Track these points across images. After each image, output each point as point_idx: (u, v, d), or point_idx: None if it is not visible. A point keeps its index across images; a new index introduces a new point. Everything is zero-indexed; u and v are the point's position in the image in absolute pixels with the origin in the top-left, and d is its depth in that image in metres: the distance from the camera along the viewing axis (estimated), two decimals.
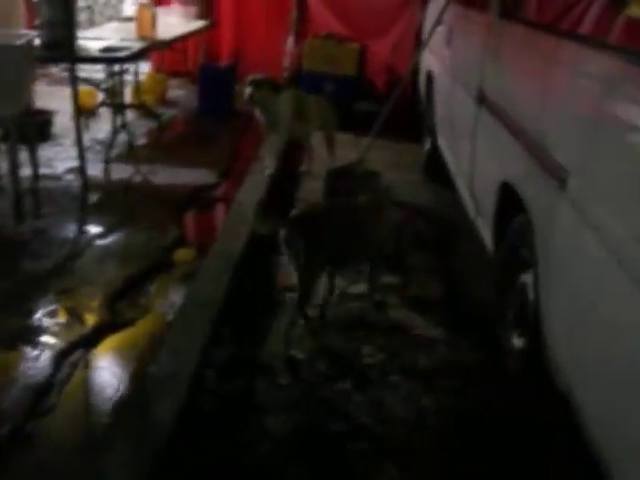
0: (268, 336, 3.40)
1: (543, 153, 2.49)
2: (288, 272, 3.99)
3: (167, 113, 7.41)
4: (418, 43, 6.05)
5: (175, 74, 8.49)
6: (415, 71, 6.55)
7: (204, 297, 3.45)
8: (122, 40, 5.77)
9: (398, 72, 6.81)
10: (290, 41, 8.06)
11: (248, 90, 5.13)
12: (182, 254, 4.31)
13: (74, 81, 5.04)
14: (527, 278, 2.79)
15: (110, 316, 3.50)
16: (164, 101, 7.86)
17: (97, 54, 5.29)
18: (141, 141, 6.44)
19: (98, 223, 4.61)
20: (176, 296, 3.74)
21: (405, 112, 6.98)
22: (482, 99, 3.53)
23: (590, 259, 2.05)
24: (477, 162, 3.68)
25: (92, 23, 10.44)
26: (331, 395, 3.02)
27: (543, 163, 2.47)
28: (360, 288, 3.92)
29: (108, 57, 5.27)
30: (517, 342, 2.94)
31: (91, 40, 5.68)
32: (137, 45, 5.62)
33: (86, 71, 6.12)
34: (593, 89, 2.19)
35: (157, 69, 8.56)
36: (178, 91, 8.31)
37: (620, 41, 2.31)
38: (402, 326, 3.59)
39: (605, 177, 2.01)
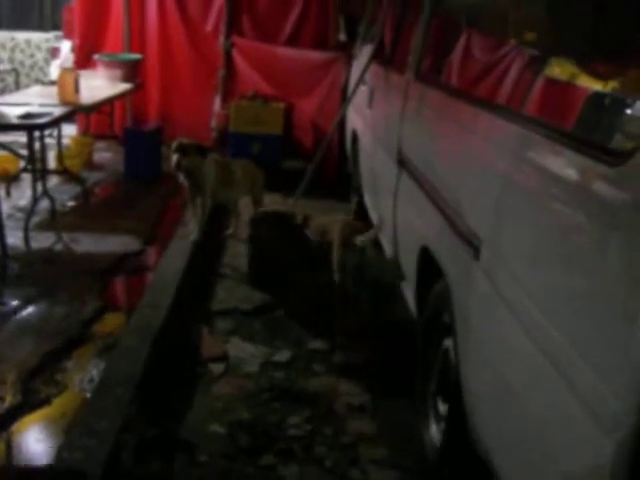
0: (188, 411, 3.29)
1: (458, 220, 2.47)
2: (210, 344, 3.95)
3: (92, 177, 7.28)
4: (343, 102, 6.07)
5: (102, 137, 8.36)
6: (342, 129, 6.59)
7: (121, 374, 3.31)
8: (43, 105, 5.66)
9: (324, 130, 6.81)
10: (217, 101, 8.05)
11: (175, 157, 5.01)
12: (102, 326, 4.17)
13: None
14: (449, 343, 2.75)
15: (24, 395, 3.34)
16: (90, 164, 7.72)
17: (15, 121, 5.16)
18: (64, 207, 6.28)
19: (15, 296, 4.42)
20: (94, 371, 3.60)
21: (333, 170, 7.02)
22: (401, 162, 3.52)
23: (501, 328, 2.02)
24: (398, 225, 3.66)
25: (18, 86, 10.31)
26: (253, 471, 2.92)
27: (458, 230, 2.44)
28: (284, 356, 3.85)
29: (26, 124, 5.14)
30: (442, 408, 2.89)
31: (11, 106, 5.56)
32: (58, 110, 5.51)
33: (11, 135, 6.00)
34: (500, 157, 2.19)
35: (83, 132, 8.43)
36: (105, 154, 8.17)
37: (532, 109, 2.34)
38: (328, 394, 3.51)
39: (513, 247, 1.99)
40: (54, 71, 7.96)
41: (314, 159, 5.33)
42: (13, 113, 5.28)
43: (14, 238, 5.35)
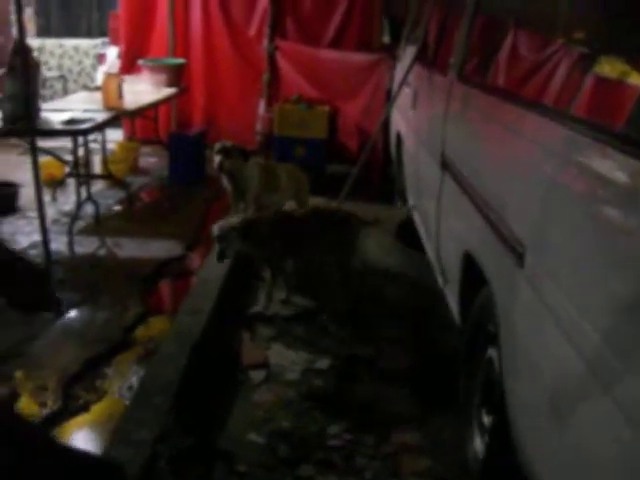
0: (228, 419, 3.25)
1: (502, 225, 2.37)
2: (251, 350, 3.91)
3: (137, 182, 7.31)
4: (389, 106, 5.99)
5: (147, 141, 8.41)
6: (387, 131, 6.51)
7: (160, 381, 3.27)
8: (87, 111, 5.69)
9: (369, 133, 6.74)
10: (262, 105, 8.03)
11: (217, 158, 5.00)
12: (144, 332, 4.15)
13: (34, 154, 4.92)
14: (493, 353, 2.66)
15: (64, 401, 3.33)
16: (136, 169, 7.77)
17: (59, 127, 5.19)
18: (109, 212, 6.31)
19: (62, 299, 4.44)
20: (134, 378, 3.58)
21: (377, 173, 6.94)
22: (445, 164, 3.43)
23: (545, 338, 1.93)
24: (442, 229, 3.57)
25: (66, 92, 10.43)
26: None
27: (502, 236, 2.35)
28: (326, 363, 3.78)
29: (69, 130, 5.16)
30: (486, 420, 2.79)
31: (56, 112, 5.60)
32: (101, 116, 5.53)
33: (59, 141, 6.03)
34: (546, 160, 2.09)
35: (129, 137, 8.49)
36: (150, 158, 8.21)
37: (581, 110, 2.23)
38: (370, 403, 3.43)
39: (558, 254, 1.90)
40: (100, 77, 7.99)
41: (358, 162, 5.25)
42: (58, 119, 5.32)
43: (59, 243, 5.38)
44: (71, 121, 5.31)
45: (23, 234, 5.57)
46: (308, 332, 4.16)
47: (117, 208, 6.49)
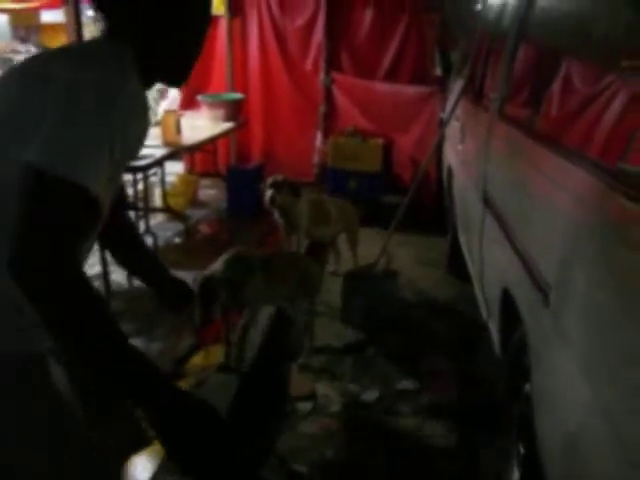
0: (272, 449, 3.32)
1: (532, 264, 2.42)
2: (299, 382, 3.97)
3: (196, 214, 7.50)
4: (441, 136, 6.04)
5: (207, 174, 8.62)
6: (440, 163, 6.56)
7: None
8: (145, 147, 5.88)
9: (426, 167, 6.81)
10: (319, 137, 8.16)
11: (269, 193, 5.12)
12: (197, 362, 4.27)
13: None
14: (528, 388, 2.69)
15: None
16: (195, 202, 7.97)
17: None
18: (168, 245, 6.49)
19: None
20: None
21: (430, 205, 6.99)
22: (487, 201, 3.47)
23: (565, 377, 1.96)
24: (484, 264, 3.60)
25: None
26: None
27: (532, 275, 2.39)
28: (372, 395, 3.83)
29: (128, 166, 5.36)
30: (522, 454, 2.81)
31: None
32: (159, 152, 5.72)
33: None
34: (575, 207, 2.12)
35: (189, 170, 8.72)
36: (209, 191, 8.41)
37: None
38: (413, 435, 3.47)
39: (580, 297, 1.93)
40: (162, 112, 8.22)
41: (408, 194, 5.31)
42: None
43: (117, 274, 5.56)
44: None
45: (86, 266, 5.75)
46: (356, 364, 4.22)
47: (175, 240, 6.67)
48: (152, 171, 6.70)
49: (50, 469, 1.60)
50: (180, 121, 6.30)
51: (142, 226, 6.14)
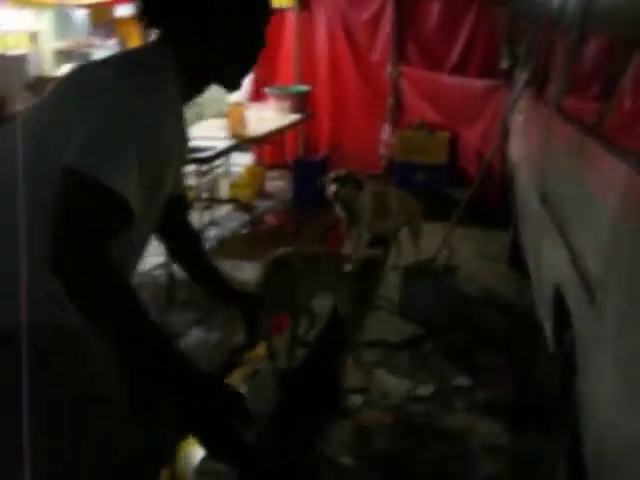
0: (322, 440, 3.35)
1: (580, 261, 2.38)
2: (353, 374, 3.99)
3: (262, 205, 7.58)
4: (506, 130, 5.96)
5: (275, 166, 8.70)
6: (504, 157, 6.47)
7: (259, 401, 3.42)
8: (212, 138, 5.97)
9: (490, 160, 6.73)
10: (386, 129, 8.13)
11: (332, 187, 5.11)
12: (253, 352, 4.32)
13: None
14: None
15: None
16: (262, 193, 8.05)
17: None
18: (232, 235, 6.57)
19: (178, 321, 4.69)
20: None
21: (494, 198, 6.89)
22: (543, 197, 3.42)
23: (610, 380, 1.93)
24: (540, 261, 3.55)
25: (200, 118, 10.88)
26: None
27: (580, 272, 2.35)
28: (426, 391, 3.82)
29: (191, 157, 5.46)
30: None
31: None
32: (223, 144, 5.80)
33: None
34: (618, 202, 2.08)
35: (257, 161, 8.81)
36: (277, 183, 8.48)
37: None
38: (465, 433, 3.45)
39: (625, 295, 1.90)
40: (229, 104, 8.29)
41: (471, 187, 5.26)
42: None
43: None
44: (194, 149, 5.59)
45: (150, 255, 5.86)
46: (412, 359, 4.21)
47: (241, 231, 6.75)
48: (218, 162, 6.79)
49: (68, 455, 1.63)
50: (246, 113, 6.36)
51: (207, 217, 6.23)
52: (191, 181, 6.16)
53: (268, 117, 7.34)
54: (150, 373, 1.51)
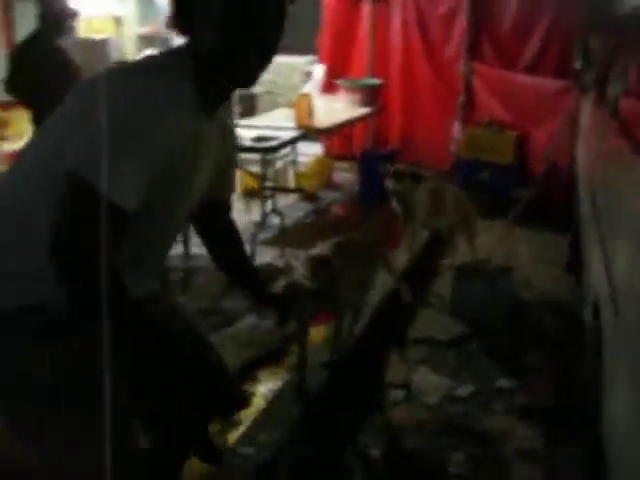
0: (357, 433, 3.39)
1: (612, 272, 2.37)
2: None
3: (328, 196, 7.64)
4: (576, 132, 5.86)
5: (344, 157, 8.74)
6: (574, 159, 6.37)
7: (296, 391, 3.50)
8: (276, 129, 6.06)
9: (557, 161, 6.63)
10: (457, 126, 8.08)
11: (390, 183, 5.11)
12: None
13: None
14: None
15: None
16: (329, 184, 8.12)
17: (248, 143, 5.58)
18: (295, 225, 6.65)
19: (233, 307, 4.79)
20: (280, 384, 3.83)
21: (559, 199, 6.77)
22: (593, 203, 3.39)
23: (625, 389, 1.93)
24: (590, 268, 3.52)
25: (274, 106, 11.02)
26: None
27: (610, 283, 2.34)
28: (467, 390, 3.82)
29: (253, 147, 5.55)
30: None
31: (249, 128, 6.04)
32: (288, 134, 5.88)
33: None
34: None
35: (326, 152, 8.86)
36: (345, 174, 8.52)
37: None
38: (501, 435, 3.44)
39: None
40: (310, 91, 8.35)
41: (532, 187, 5.20)
42: (248, 135, 5.73)
43: None
44: (259, 138, 5.69)
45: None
46: (458, 358, 4.21)
47: (304, 221, 6.83)
48: (284, 152, 6.88)
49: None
50: (313, 104, 6.42)
51: (270, 206, 6.34)
52: (256, 169, 6.27)
53: (338, 109, 7.37)
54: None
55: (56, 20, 5.43)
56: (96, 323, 1.35)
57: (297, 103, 6.37)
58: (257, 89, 11.44)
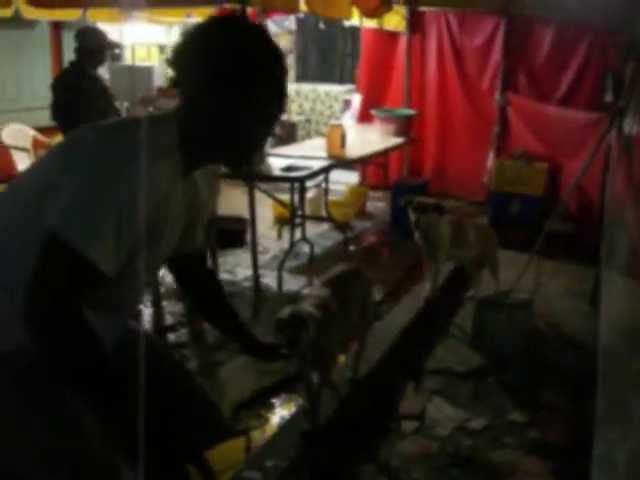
0: (364, 462, 3.40)
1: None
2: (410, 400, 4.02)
3: (360, 226, 7.69)
4: (607, 164, 5.82)
5: (378, 187, 8.80)
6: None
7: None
8: (307, 159, 6.12)
9: (589, 193, 6.60)
10: (491, 157, 8.09)
11: (413, 215, 5.09)
12: None
13: (252, 196, 5.46)
14: None
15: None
16: (363, 213, 8.17)
17: (277, 173, 5.67)
18: (324, 253, 6.70)
19: (260, 332, 4.81)
20: (295, 410, 3.86)
21: (592, 233, 6.69)
22: (612, 242, 3.37)
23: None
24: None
25: (314, 133, 11.18)
26: None
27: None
28: (480, 423, 3.80)
29: (282, 176, 5.63)
30: None
31: (280, 157, 6.12)
32: (317, 165, 5.95)
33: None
34: None
35: (361, 182, 8.93)
36: (378, 204, 8.57)
37: None
38: (509, 470, 3.42)
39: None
40: (346, 122, 8.43)
41: (552, 216, 5.17)
42: (278, 165, 5.81)
43: (271, 278, 5.86)
44: (289, 168, 5.77)
45: (243, 267, 6.13)
46: (473, 390, 4.19)
47: (333, 250, 6.87)
48: (317, 180, 6.95)
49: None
50: (345, 134, 6.48)
51: (298, 234, 6.41)
52: (287, 197, 6.34)
53: (372, 139, 7.42)
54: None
55: (92, 51, 5.60)
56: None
57: (329, 133, 6.44)
58: (297, 117, 11.65)
